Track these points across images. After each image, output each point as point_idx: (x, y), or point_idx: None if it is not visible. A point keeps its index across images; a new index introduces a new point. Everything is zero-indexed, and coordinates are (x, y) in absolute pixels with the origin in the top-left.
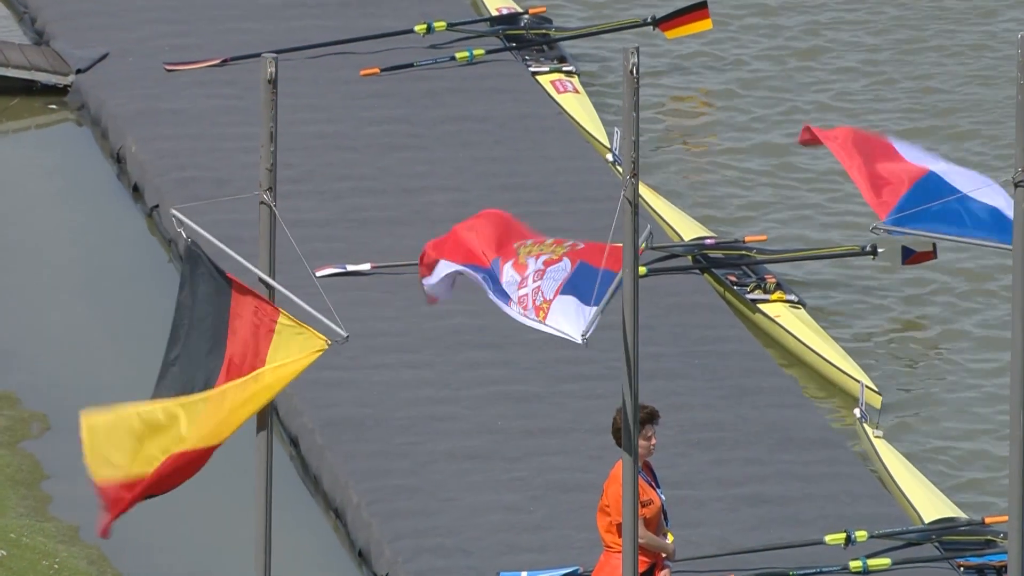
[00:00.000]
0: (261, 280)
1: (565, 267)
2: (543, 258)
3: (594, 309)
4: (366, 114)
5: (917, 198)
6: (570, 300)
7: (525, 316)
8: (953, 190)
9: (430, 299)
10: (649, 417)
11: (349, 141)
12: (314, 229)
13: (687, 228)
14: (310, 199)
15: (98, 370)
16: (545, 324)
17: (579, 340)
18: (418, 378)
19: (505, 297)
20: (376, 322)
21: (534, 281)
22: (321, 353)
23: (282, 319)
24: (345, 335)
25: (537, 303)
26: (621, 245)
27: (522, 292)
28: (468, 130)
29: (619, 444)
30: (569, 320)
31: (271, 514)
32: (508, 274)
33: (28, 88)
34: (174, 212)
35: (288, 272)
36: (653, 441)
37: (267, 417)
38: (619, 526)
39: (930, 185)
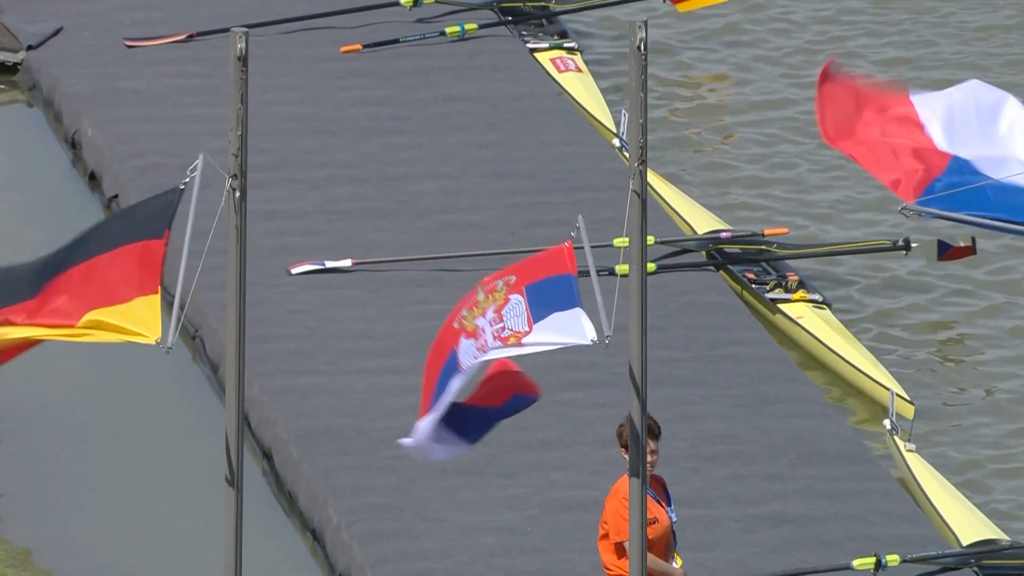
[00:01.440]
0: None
1: (517, 302)
2: (491, 308)
3: (580, 310)
4: (346, 95)
5: (946, 183)
6: (553, 319)
7: (496, 350)
8: (982, 176)
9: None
10: (647, 430)
11: (327, 124)
12: (288, 221)
13: (701, 220)
14: (284, 188)
15: (52, 380)
16: (527, 344)
17: (588, 341)
18: (404, 385)
19: (473, 359)
20: (357, 323)
21: (492, 327)
22: (139, 341)
23: (150, 298)
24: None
25: (504, 335)
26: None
27: (482, 343)
28: (459, 113)
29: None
30: (568, 329)
31: (242, 535)
32: (464, 347)
33: None
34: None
35: (260, 269)
36: (652, 457)
37: (237, 428)
38: (617, 546)
39: (958, 170)
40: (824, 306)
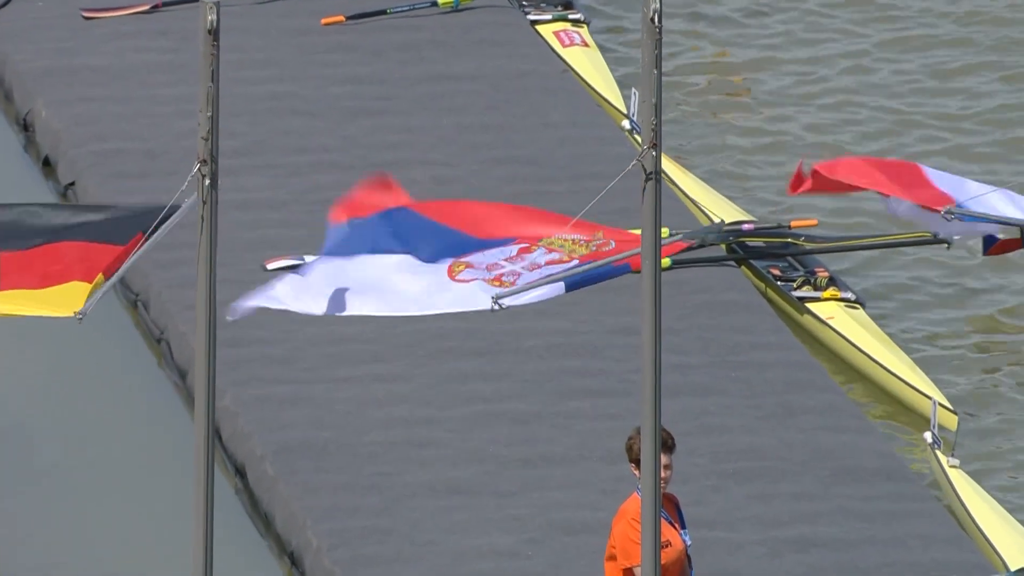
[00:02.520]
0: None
1: (568, 267)
2: (552, 255)
3: (535, 278)
4: (328, 72)
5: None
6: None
7: (449, 282)
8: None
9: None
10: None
11: (307, 105)
12: (264, 212)
13: (720, 210)
14: (259, 175)
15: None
16: (465, 297)
17: (488, 306)
18: (391, 394)
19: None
20: (340, 325)
21: (519, 267)
22: (55, 315)
23: (82, 285)
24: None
25: (491, 278)
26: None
27: (497, 271)
28: (453, 92)
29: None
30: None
31: (212, 561)
32: (507, 249)
33: None
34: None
35: (233, 264)
36: (664, 474)
37: (207, 442)
38: (625, 572)
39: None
40: (857, 305)
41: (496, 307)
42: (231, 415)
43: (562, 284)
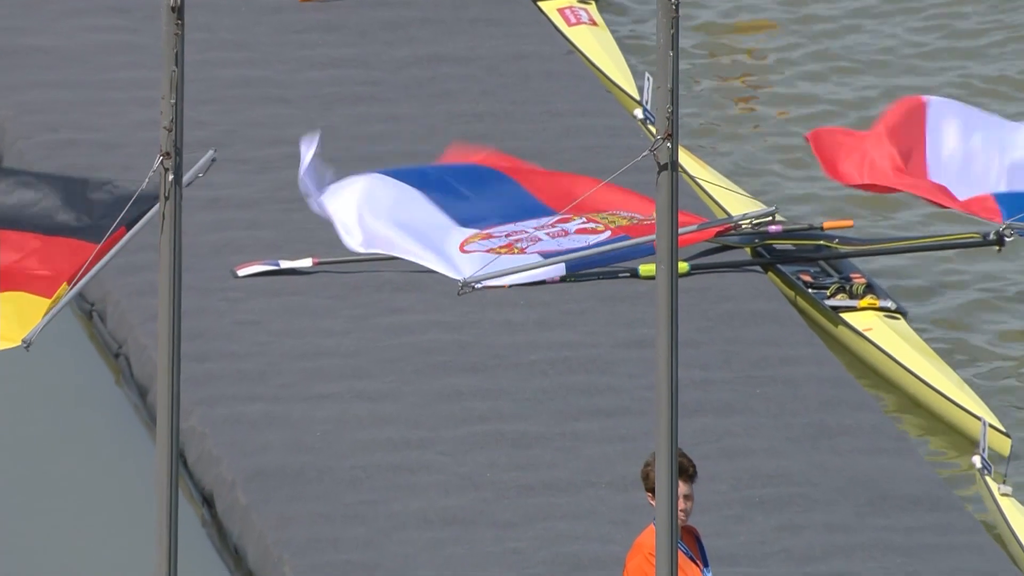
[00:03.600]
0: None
1: (596, 239)
2: (588, 225)
3: (532, 260)
4: (305, 54)
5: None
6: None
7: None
8: None
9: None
10: (679, 471)
11: (282, 91)
12: (234, 212)
13: (743, 208)
14: (229, 171)
15: None
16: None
17: (459, 278)
18: (377, 414)
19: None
20: (319, 338)
21: (544, 232)
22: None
23: (39, 300)
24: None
25: (502, 244)
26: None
27: (514, 237)
28: (445, 76)
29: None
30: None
31: None
32: (544, 219)
33: None
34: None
35: (200, 270)
36: (683, 506)
37: (170, 467)
38: None
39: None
40: (898, 315)
41: (464, 290)
42: (198, 437)
43: (563, 266)
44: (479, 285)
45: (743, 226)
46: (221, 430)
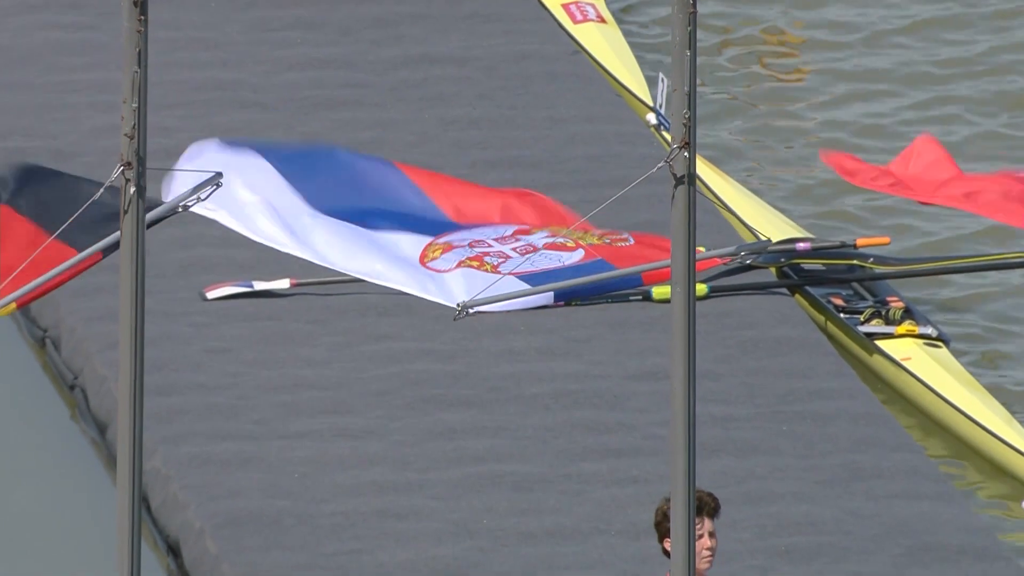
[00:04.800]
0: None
1: (569, 257)
2: (555, 239)
3: (523, 288)
4: (283, 54)
5: None
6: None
7: (423, 267)
8: None
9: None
10: (700, 508)
11: (257, 95)
12: (204, 227)
13: (769, 225)
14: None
15: None
16: (430, 282)
17: (453, 305)
18: (361, 453)
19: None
20: (297, 368)
21: (510, 248)
22: None
23: None
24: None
25: (470, 257)
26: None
27: (480, 248)
28: (437, 78)
29: (666, 552)
30: (472, 290)
31: None
32: (501, 227)
33: None
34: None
35: (165, 292)
36: (708, 544)
37: (132, 512)
38: None
39: None
40: (940, 343)
41: (461, 314)
42: (162, 479)
43: (551, 293)
44: (473, 310)
45: (753, 258)
46: (188, 471)
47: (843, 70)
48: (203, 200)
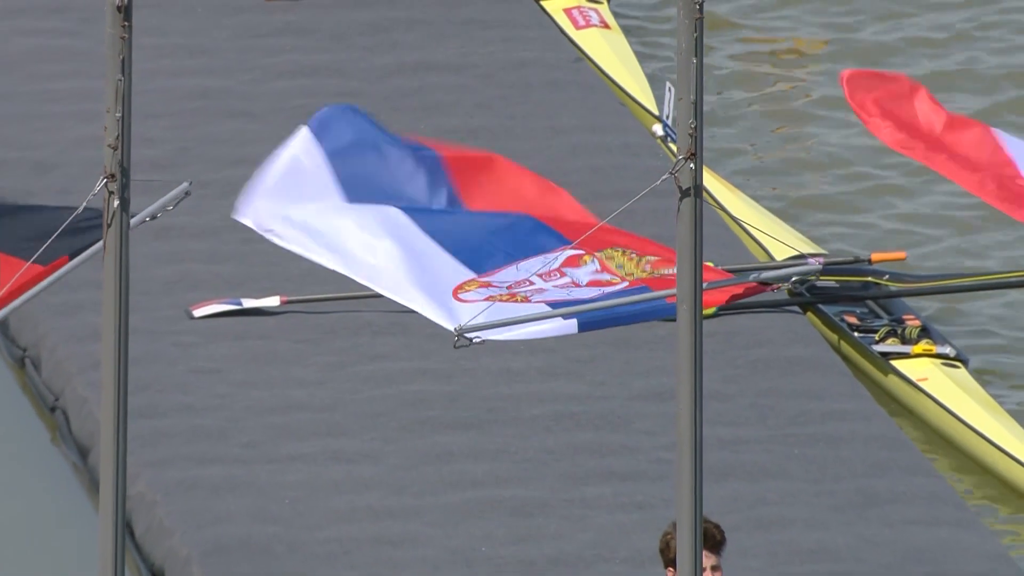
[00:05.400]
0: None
1: (612, 291)
2: (602, 276)
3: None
4: (273, 62)
5: None
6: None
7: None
8: None
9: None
10: (703, 539)
11: (246, 104)
12: (190, 242)
13: (780, 240)
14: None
15: None
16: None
17: (451, 327)
18: (354, 477)
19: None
20: (288, 389)
21: (552, 284)
22: None
23: None
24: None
25: (501, 294)
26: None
27: (520, 288)
28: (433, 86)
29: None
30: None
31: None
32: (551, 258)
33: None
34: None
35: (150, 310)
36: None
37: (115, 539)
38: None
39: None
40: (958, 363)
41: (460, 341)
42: (147, 505)
43: (575, 321)
44: (476, 338)
45: (779, 285)
46: (174, 497)
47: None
48: (170, 211)
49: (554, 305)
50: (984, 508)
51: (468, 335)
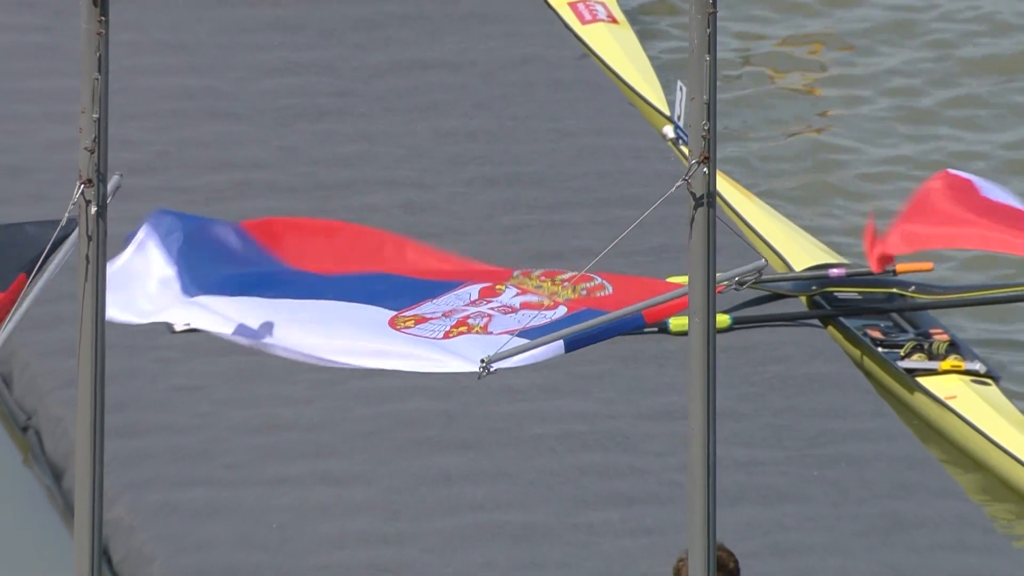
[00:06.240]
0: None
1: (553, 315)
2: (528, 297)
3: (531, 342)
4: (259, 59)
5: None
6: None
7: (414, 336)
8: None
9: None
10: (717, 567)
11: (231, 104)
12: None
13: (799, 249)
14: (165, 200)
15: None
16: (436, 352)
17: (476, 368)
18: (346, 501)
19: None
20: (275, 407)
21: (487, 308)
22: None
23: None
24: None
25: (452, 325)
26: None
27: (459, 314)
28: (430, 86)
29: None
30: (478, 352)
31: None
32: (463, 293)
33: None
34: None
35: (128, 325)
36: None
37: (92, 567)
38: None
39: None
40: (989, 380)
41: (484, 371)
42: (126, 530)
43: (560, 343)
44: (494, 367)
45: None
46: (154, 521)
47: (877, 78)
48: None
49: (525, 334)
50: (1015, 532)
51: (489, 365)
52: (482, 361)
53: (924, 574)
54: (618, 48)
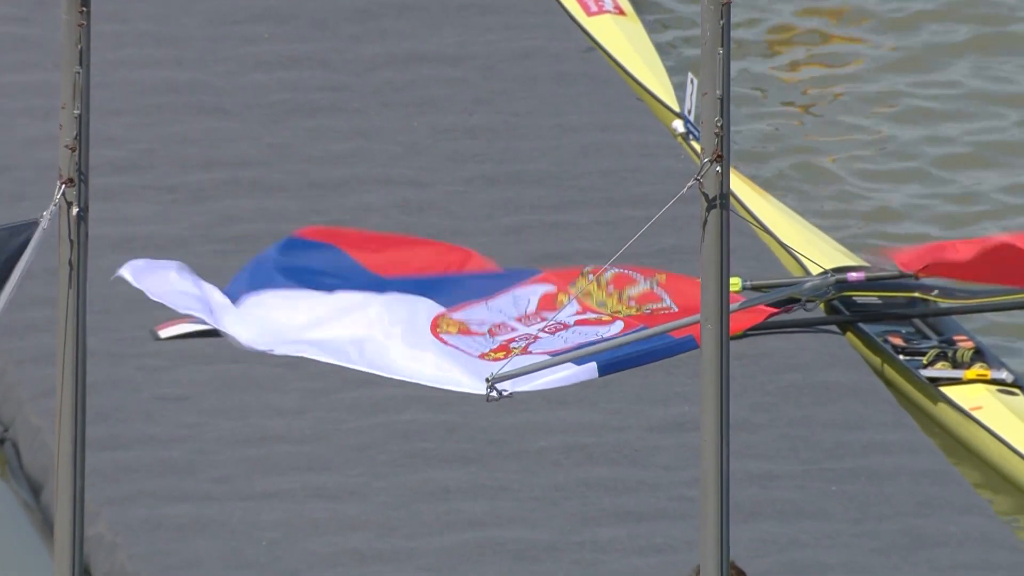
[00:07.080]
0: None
1: (608, 331)
2: (587, 315)
3: (557, 360)
4: (248, 51)
5: None
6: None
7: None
8: None
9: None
10: None
11: (218, 99)
12: (156, 254)
13: (816, 252)
14: (149, 201)
15: None
16: (464, 371)
17: (482, 390)
18: (340, 517)
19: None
20: (264, 417)
21: (536, 329)
22: None
23: None
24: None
25: (492, 348)
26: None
27: (504, 335)
28: (428, 79)
29: None
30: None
31: None
32: (522, 296)
33: None
34: None
35: (111, 329)
36: None
37: None
38: None
39: None
40: (1016, 390)
41: (494, 394)
42: (108, 547)
43: (593, 364)
44: (505, 391)
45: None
46: (138, 538)
47: (899, 69)
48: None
49: (558, 354)
50: None
51: (498, 386)
52: (487, 380)
53: None
54: (625, 40)
